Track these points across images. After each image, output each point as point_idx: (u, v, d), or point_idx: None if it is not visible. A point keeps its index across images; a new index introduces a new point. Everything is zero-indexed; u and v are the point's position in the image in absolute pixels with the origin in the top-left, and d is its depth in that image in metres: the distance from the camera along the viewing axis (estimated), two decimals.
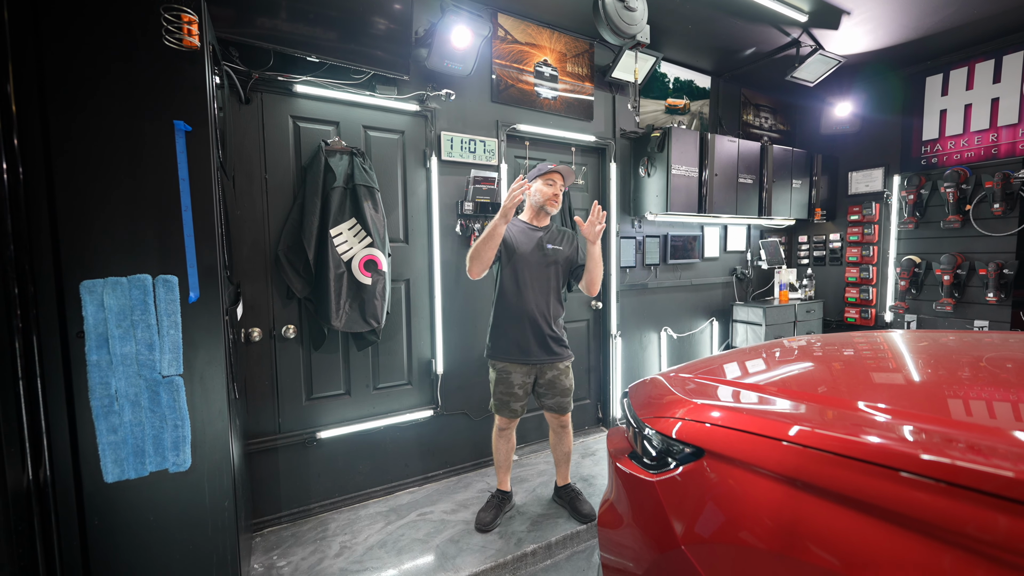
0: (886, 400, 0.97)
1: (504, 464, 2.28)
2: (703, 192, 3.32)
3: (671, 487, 1.00)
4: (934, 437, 0.75)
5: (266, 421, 2.23)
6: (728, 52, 3.44)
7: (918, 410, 0.89)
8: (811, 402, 0.98)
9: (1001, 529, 0.58)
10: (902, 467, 0.68)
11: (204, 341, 1.46)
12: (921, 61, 3.61)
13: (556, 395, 2.16)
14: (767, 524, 0.80)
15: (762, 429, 0.88)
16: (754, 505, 0.83)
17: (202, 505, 1.48)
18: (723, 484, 0.90)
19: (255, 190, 2.15)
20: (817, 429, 0.82)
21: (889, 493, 0.67)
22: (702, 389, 1.19)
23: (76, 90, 1.29)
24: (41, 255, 1.29)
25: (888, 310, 3.91)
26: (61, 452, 1.33)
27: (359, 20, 2.15)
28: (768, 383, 1.18)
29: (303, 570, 1.93)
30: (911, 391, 1.10)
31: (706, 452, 0.96)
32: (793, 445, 0.81)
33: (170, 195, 1.40)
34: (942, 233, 3.58)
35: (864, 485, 0.70)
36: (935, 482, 0.64)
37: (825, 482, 0.75)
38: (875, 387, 1.13)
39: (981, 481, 0.61)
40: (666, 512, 0.99)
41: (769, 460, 0.83)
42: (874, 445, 0.73)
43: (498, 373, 2.13)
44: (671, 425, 1.06)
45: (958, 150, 3.51)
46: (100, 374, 1.34)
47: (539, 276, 2.10)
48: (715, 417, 0.99)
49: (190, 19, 1.38)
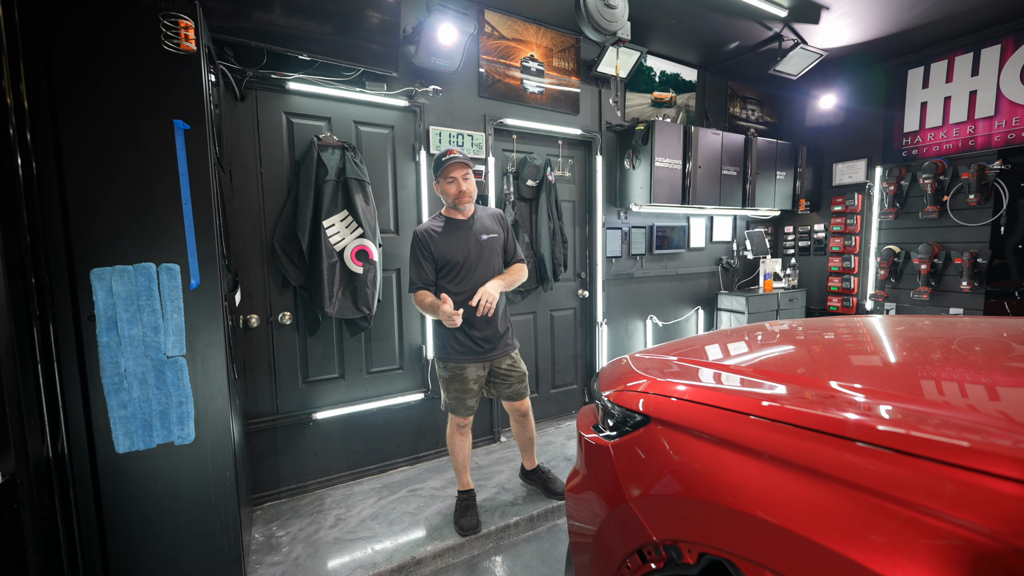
0: (794, 369, 1.10)
1: (464, 464, 2.20)
2: (687, 184, 3.41)
3: (622, 449, 1.13)
4: (817, 398, 0.87)
5: (265, 402, 2.36)
6: (712, 46, 3.52)
7: (820, 377, 1.01)
8: (738, 373, 1.11)
9: (855, 465, 0.70)
10: (786, 421, 0.81)
11: (205, 325, 1.58)
12: (903, 54, 3.69)
13: (513, 383, 2.14)
14: (695, 476, 0.93)
15: (694, 396, 1.00)
16: (687, 462, 0.96)
17: (205, 475, 1.62)
18: (662, 445, 1.02)
19: (251, 184, 2.26)
20: (732, 394, 0.94)
21: (783, 444, 0.79)
22: (657, 365, 1.31)
23: (84, 90, 1.40)
24: (55, 245, 1.40)
25: (868, 298, 4.03)
26: (77, 425, 1.46)
27: (348, 19, 2.24)
28: (712, 359, 1.31)
29: (300, 539, 2.07)
30: (821, 362, 1.22)
31: (652, 419, 1.08)
32: (716, 409, 0.94)
33: (171, 189, 1.51)
34: (921, 223, 3.68)
35: (768, 439, 0.83)
36: (823, 434, 0.76)
37: (738, 438, 0.87)
38: (797, 362, 1.25)
39: (843, 428, 0.73)
40: (617, 472, 1.11)
41: (697, 422, 0.96)
42: (768, 406, 0.86)
43: (450, 372, 2.05)
44: (625, 396, 1.18)
45: (937, 142, 3.60)
46: (110, 354, 1.46)
47: (480, 271, 2.02)
48: (658, 387, 1.11)
49: (187, 24, 1.48)
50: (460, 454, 2.19)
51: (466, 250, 2.00)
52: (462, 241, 2.01)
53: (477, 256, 2.02)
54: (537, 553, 2.07)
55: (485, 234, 2.05)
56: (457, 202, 2.00)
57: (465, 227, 2.03)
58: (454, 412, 2.11)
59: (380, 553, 1.96)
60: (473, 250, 2.01)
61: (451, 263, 2.00)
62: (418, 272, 2.00)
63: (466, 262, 2.00)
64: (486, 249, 2.04)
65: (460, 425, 2.14)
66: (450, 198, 2.00)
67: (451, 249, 1.99)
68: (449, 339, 2.04)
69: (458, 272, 2.01)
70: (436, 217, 2.09)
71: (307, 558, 1.94)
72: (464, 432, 2.17)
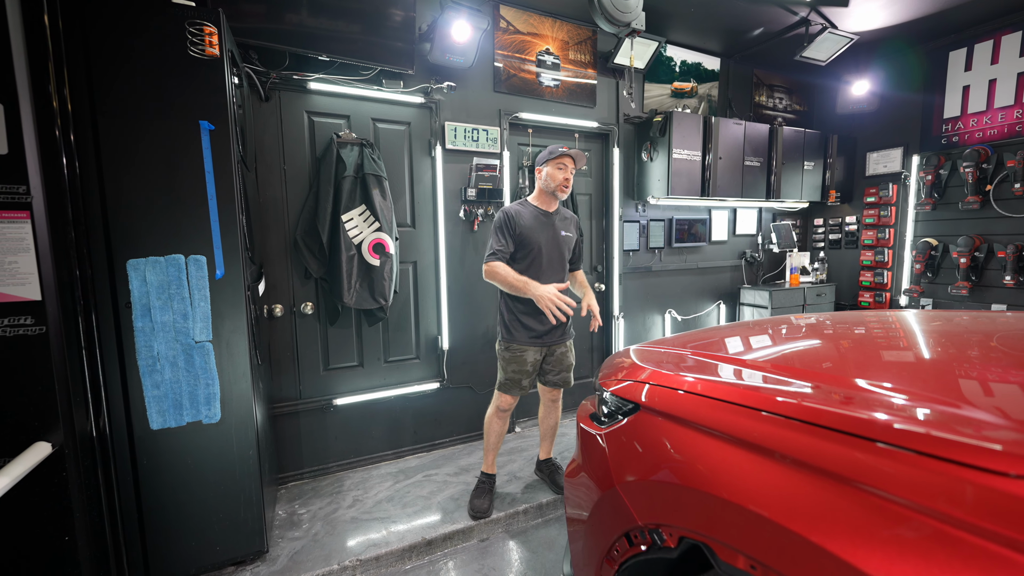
0: (774, 361, 1.09)
1: (496, 446, 2.30)
2: (706, 176, 3.35)
3: (613, 437, 1.15)
4: (796, 389, 0.87)
5: (289, 387, 2.49)
6: (735, 33, 3.42)
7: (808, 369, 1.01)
8: (728, 363, 1.11)
9: (829, 453, 0.71)
10: (763, 408, 0.82)
11: (229, 312, 1.70)
12: (944, 35, 3.48)
13: (562, 371, 2.24)
14: (676, 462, 0.95)
15: (677, 385, 1.02)
16: (669, 448, 0.98)
17: (231, 452, 1.74)
18: (648, 432, 1.04)
19: (275, 180, 2.38)
20: (713, 383, 0.95)
21: (758, 431, 0.81)
22: (655, 356, 1.33)
23: (120, 94, 1.51)
24: (95, 238, 1.53)
25: (903, 294, 3.85)
26: (116, 403, 1.59)
27: (366, 19, 2.31)
28: (707, 350, 1.31)
29: (320, 517, 2.19)
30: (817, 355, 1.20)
31: (641, 407, 1.10)
32: (697, 396, 0.95)
33: (198, 185, 1.62)
34: (960, 215, 3.49)
35: (743, 426, 0.84)
36: (796, 421, 0.77)
37: (716, 425, 0.89)
38: (790, 355, 1.24)
39: (818, 417, 0.74)
40: (607, 459, 1.14)
41: (680, 410, 0.97)
42: (750, 394, 0.87)
43: (512, 352, 2.15)
44: (619, 385, 1.21)
45: (980, 128, 3.39)
46: (145, 338, 1.59)
47: (554, 262, 2.14)
48: (649, 376, 1.13)
49: (211, 31, 1.58)
50: (493, 435, 2.28)
51: (545, 237, 2.11)
52: (544, 229, 2.12)
53: (551, 246, 2.12)
54: (544, 540, 2.12)
55: (564, 230, 2.17)
56: (559, 189, 2.09)
57: (549, 218, 2.15)
58: (507, 391, 2.18)
59: (393, 533, 2.06)
60: (552, 240, 2.13)
61: (528, 246, 2.08)
62: (499, 243, 2.06)
63: (542, 249, 2.09)
64: (561, 243, 2.16)
65: (502, 409, 2.22)
66: (555, 182, 2.08)
67: (532, 233, 2.09)
68: (518, 325, 2.13)
69: (532, 258, 2.09)
70: (523, 202, 2.19)
71: (325, 535, 2.05)
72: (502, 417, 2.25)
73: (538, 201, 2.17)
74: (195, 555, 1.73)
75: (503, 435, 2.30)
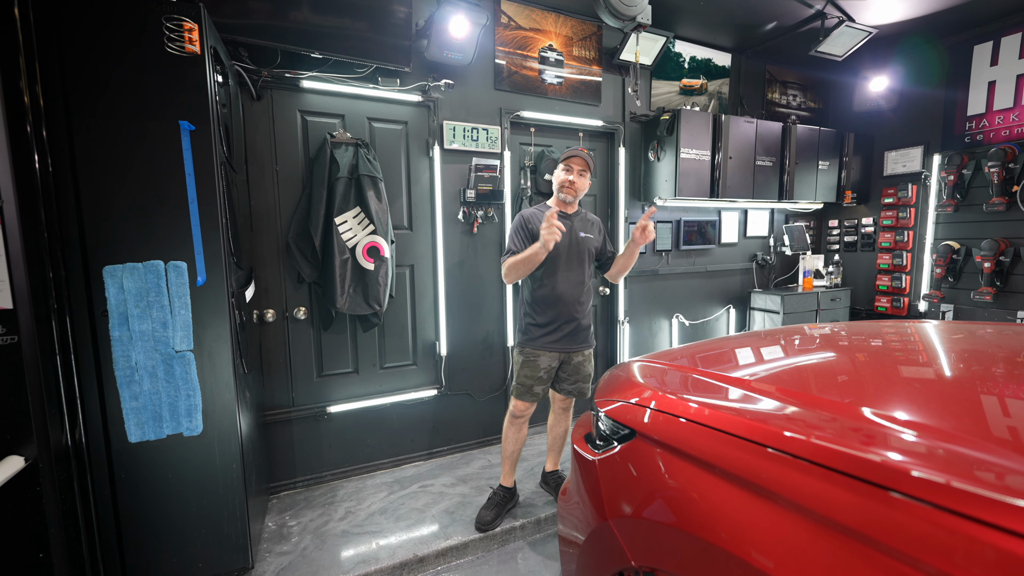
0: (788, 385, 0.98)
1: (512, 455, 2.21)
2: (716, 176, 3.23)
3: (607, 466, 1.06)
4: (812, 421, 0.77)
5: (281, 395, 2.43)
6: (747, 27, 3.29)
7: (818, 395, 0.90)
8: (739, 387, 1.00)
9: (821, 494, 0.60)
10: (772, 445, 0.71)
11: (212, 321, 1.63)
12: (968, 28, 3.31)
13: (579, 380, 2.17)
14: (679, 503, 0.85)
15: (683, 412, 0.92)
16: (672, 486, 0.88)
17: (213, 466, 1.67)
18: (647, 464, 0.95)
19: (267, 181, 2.31)
20: (727, 412, 0.85)
21: (766, 472, 0.70)
22: (655, 373, 1.23)
23: (95, 92, 1.45)
24: (70, 242, 1.47)
25: (922, 299, 3.69)
26: (93, 415, 1.53)
27: (360, 15, 2.23)
28: (714, 367, 1.20)
29: (310, 530, 2.12)
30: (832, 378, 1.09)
31: (638, 434, 1.01)
32: (707, 428, 0.85)
33: (178, 189, 1.55)
34: (984, 217, 3.32)
35: (761, 469, 0.74)
36: (811, 464, 0.67)
37: (728, 465, 0.78)
38: (799, 376, 1.13)
39: (840, 461, 0.64)
40: (600, 488, 1.05)
41: (685, 442, 0.87)
42: (759, 428, 0.76)
43: (525, 356, 2.10)
44: (614, 407, 1.11)
45: (1007, 125, 3.22)
46: (122, 348, 1.52)
47: (572, 265, 2.09)
48: (648, 398, 1.03)
49: (190, 27, 1.51)
50: (508, 443, 2.21)
51: (563, 239, 2.03)
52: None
53: (567, 247, 2.07)
54: (540, 559, 2.03)
55: (583, 232, 2.12)
56: (562, 189, 2.07)
57: (567, 220, 2.11)
58: (520, 397, 2.11)
59: (384, 549, 1.98)
60: (568, 241, 2.07)
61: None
62: (515, 245, 2.06)
63: (558, 250, 2.03)
64: (580, 245, 2.11)
65: (514, 415, 2.16)
66: (557, 182, 2.09)
67: None
68: (531, 324, 2.10)
69: (547, 258, 2.01)
70: (542, 205, 2.18)
71: (314, 550, 1.98)
72: (517, 424, 2.18)
73: (555, 203, 2.16)
74: (176, 572, 1.67)
75: (520, 443, 2.21)
